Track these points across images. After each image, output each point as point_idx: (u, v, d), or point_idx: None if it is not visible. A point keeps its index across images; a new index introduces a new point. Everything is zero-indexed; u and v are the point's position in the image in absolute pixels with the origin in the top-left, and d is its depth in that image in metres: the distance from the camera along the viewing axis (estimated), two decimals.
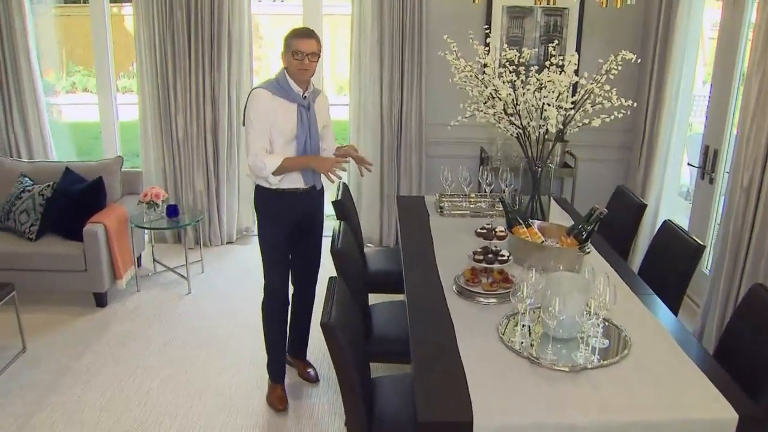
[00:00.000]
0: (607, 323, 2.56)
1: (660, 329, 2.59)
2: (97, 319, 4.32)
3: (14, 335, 3.91)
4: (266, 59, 9.54)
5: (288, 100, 3.18)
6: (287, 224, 3.36)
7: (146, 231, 4.98)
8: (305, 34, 3.15)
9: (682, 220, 5.05)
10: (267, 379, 3.59)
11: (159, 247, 5.47)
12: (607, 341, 2.47)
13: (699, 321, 4.03)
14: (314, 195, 3.44)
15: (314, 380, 3.69)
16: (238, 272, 5.10)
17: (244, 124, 3.23)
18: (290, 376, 3.72)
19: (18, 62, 5.25)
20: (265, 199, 3.33)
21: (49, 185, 4.54)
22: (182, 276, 4.83)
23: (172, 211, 4.66)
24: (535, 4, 2.94)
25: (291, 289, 3.59)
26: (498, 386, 2.17)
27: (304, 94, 3.22)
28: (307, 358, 3.83)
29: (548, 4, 2.41)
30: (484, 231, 2.95)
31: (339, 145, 3.61)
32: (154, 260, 5.07)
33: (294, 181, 3.28)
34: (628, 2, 2.72)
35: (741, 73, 4.06)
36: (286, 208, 3.33)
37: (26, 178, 4.67)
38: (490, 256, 2.83)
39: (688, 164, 4.50)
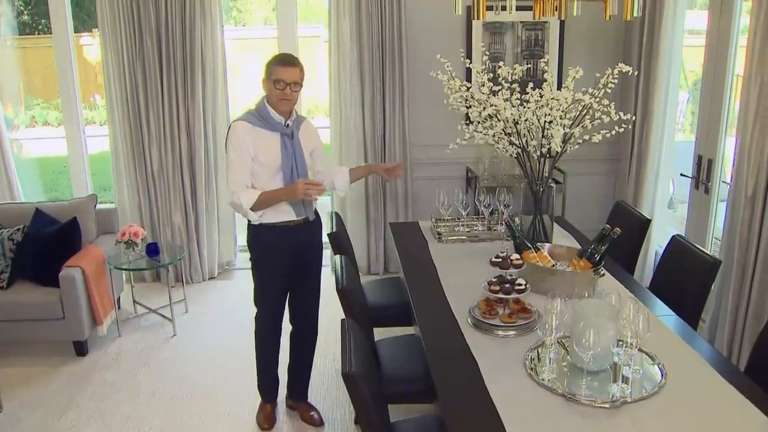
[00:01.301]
0: (638, 350, 2.42)
1: (691, 352, 2.47)
2: (79, 369, 4.05)
3: None
4: (231, 83, 9.33)
5: (269, 129, 3.07)
6: (282, 259, 3.23)
7: (124, 271, 4.73)
8: (288, 62, 3.04)
9: (674, 232, 4.98)
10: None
11: (138, 286, 5.20)
12: (641, 370, 2.34)
13: (705, 337, 3.94)
14: (308, 227, 3.28)
15: (319, 424, 3.47)
16: (223, 310, 4.87)
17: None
18: (293, 420, 3.52)
19: None
20: (258, 234, 3.20)
21: (18, 229, 4.28)
22: (166, 318, 4.58)
23: (153, 250, 4.43)
24: (536, 17, 2.80)
25: (290, 327, 3.49)
26: (538, 429, 2.02)
27: (286, 122, 3.11)
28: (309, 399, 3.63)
29: (560, 17, 2.30)
30: (499, 260, 2.80)
31: (355, 167, 3.62)
32: (135, 301, 4.81)
33: (285, 214, 3.16)
34: (635, 14, 2.63)
35: (732, 80, 4.01)
36: (278, 242, 3.19)
37: None
38: (507, 285, 2.68)
39: (681, 174, 4.43)
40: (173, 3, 4.79)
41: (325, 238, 3.49)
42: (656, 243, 4.87)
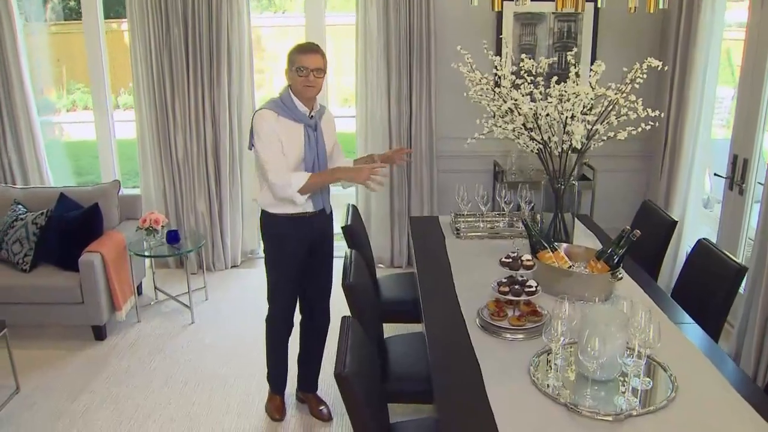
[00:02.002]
0: (648, 359, 2.31)
1: (706, 364, 2.34)
2: (96, 354, 4.09)
3: (8, 374, 3.68)
4: (269, 71, 9.32)
5: (294, 120, 3.02)
6: (295, 251, 3.19)
7: (145, 257, 4.75)
8: (310, 49, 2.99)
9: (707, 233, 4.81)
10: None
11: (161, 272, 5.23)
12: (651, 381, 2.23)
13: (734, 343, 3.78)
14: (323, 219, 3.26)
15: (327, 419, 3.44)
16: (243, 299, 4.86)
17: (250, 148, 3.08)
18: (302, 414, 3.49)
19: (11, 83, 5.05)
20: (273, 224, 3.18)
21: (42, 213, 4.32)
22: (185, 305, 4.59)
23: (173, 237, 4.43)
24: (557, 9, 2.69)
25: (301, 318, 3.48)
26: None
27: (310, 113, 3.06)
28: (319, 392, 3.60)
29: (575, 9, 2.19)
30: (510, 260, 2.71)
31: (357, 158, 3.51)
32: (156, 288, 4.83)
33: (304, 206, 3.10)
34: (660, 6, 2.49)
35: None
36: (293, 233, 3.16)
37: (19, 206, 4.46)
38: (516, 287, 2.59)
39: (715, 174, 4.25)
40: None
41: (337, 230, 3.42)
42: (687, 245, 4.69)
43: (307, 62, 2.94)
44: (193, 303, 4.57)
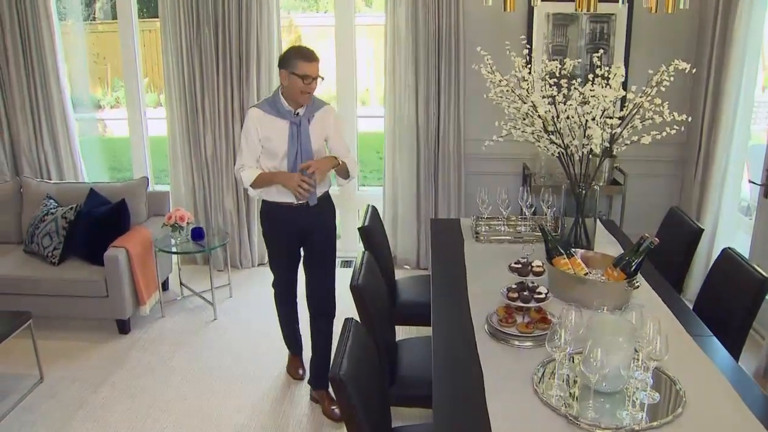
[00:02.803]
0: (658, 372, 2.24)
1: (720, 380, 2.25)
2: (118, 347, 4.16)
3: (33, 364, 3.77)
4: None
5: (279, 117, 3.26)
6: (285, 236, 3.45)
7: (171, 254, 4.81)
8: (313, 57, 3.17)
9: (743, 240, 4.64)
10: (287, 418, 3.44)
11: (187, 268, 5.30)
12: (658, 395, 2.15)
13: (764, 357, 3.65)
14: (311, 211, 3.41)
15: (339, 419, 3.43)
16: (266, 297, 4.82)
17: None
18: (314, 414, 3.51)
19: (48, 81, 5.18)
20: (266, 209, 3.47)
21: (72, 208, 4.42)
22: (208, 301, 4.64)
23: (197, 234, 4.48)
24: (576, 9, 2.63)
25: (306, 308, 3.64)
26: None
27: (296, 111, 3.27)
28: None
29: (589, 10, 2.13)
30: (519, 266, 2.66)
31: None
32: (181, 283, 4.89)
33: (286, 196, 3.33)
34: (681, 6, 2.41)
35: None
36: (282, 220, 3.42)
37: (51, 200, 4.57)
38: (525, 293, 2.54)
39: (750, 181, 4.11)
40: None
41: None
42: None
43: (311, 71, 3.12)
44: (217, 300, 4.61)
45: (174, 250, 4.48)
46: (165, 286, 4.83)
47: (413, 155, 5.16)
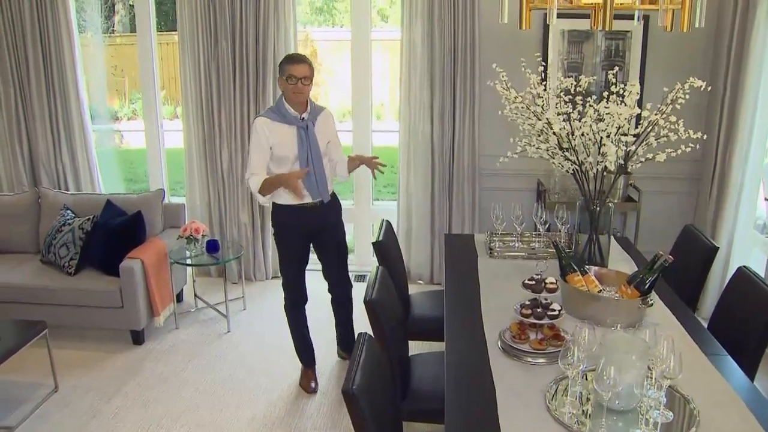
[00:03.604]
0: (671, 391, 2.22)
1: (734, 399, 2.24)
2: (132, 358, 4.19)
3: (48, 373, 3.81)
4: (324, 85, 9.43)
5: (286, 123, 3.43)
6: (300, 237, 3.62)
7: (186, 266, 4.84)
8: (297, 59, 3.40)
9: (759, 259, 4.61)
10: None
11: (202, 281, 5.33)
12: (671, 414, 2.14)
13: None
14: (324, 209, 3.63)
15: None
16: (280, 310, 4.83)
17: None
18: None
19: (67, 93, 5.25)
20: (279, 213, 3.60)
21: (89, 219, 4.46)
22: (222, 314, 4.66)
23: (212, 247, 4.51)
24: (592, 27, 2.65)
25: (328, 295, 3.98)
26: None
27: (301, 116, 3.45)
28: None
29: (605, 28, 2.14)
30: (533, 283, 2.66)
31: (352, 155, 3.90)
32: (196, 295, 4.92)
33: (304, 197, 3.48)
34: (697, 24, 2.42)
35: None
36: (296, 222, 3.58)
37: (68, 211, 4.62)
38: (539, 310, 2.54)
39: (765, 199, 4.09)
40: (248, 6, 4.88)
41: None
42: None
43: (295, 71, 3.34)
44: (231, 312, 4.63)
45: (189, 262, 4.52)
46: (179, 297, 4.86)
47: (428, 170, 5.18)
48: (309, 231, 3.64)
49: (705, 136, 3.11)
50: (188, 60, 5.09)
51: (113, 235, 4.35)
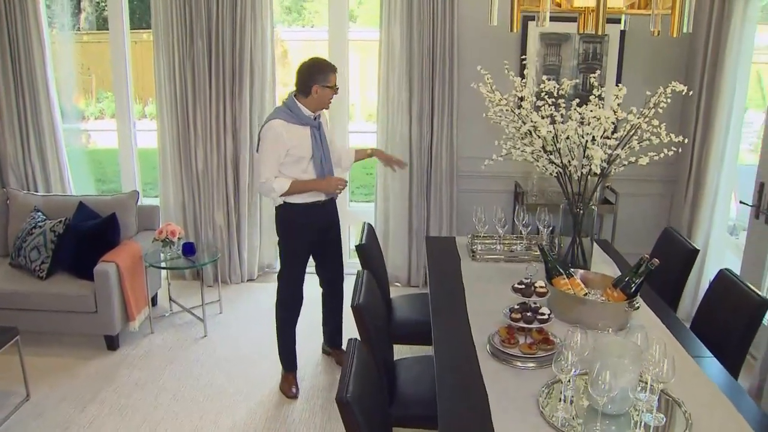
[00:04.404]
0: (662, 394, 2.23)
1: (724, 401, 2.26)
2: (107, 363, 4.08)
3: (20, 381, 3.69)
4: (293, 85, 9.35)
5: (301, 125, 3.50)
6: (311, 234, 3.71)
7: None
8: (335, 69, 3.55)
9: (732, 261, 4.68)
10: None
11: (177, 284, 5.23)
12: (663, 417, 2.15)
13: (756, 377, 3.66)
14: (332, 206, 3.81)
15: None
16: (257, 313, 4.83)
17: (258, 151, 3.54)
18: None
19: (37, 92, 5.11)
20: (292, 213, 3.64)
21: (61, 221, 4.35)
22: (198, 318, 4.58)
23: (188, 249, 4.43)
24: (580, 31, 2.65)
25: (321, 290, 4.07)
26: None
27: (315, 117, 3.55)
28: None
29: (597, 32, 2.14)
30: (523, 287, 2.65)
31: (361, 148, 4.15)
32: (171, 299, 4.82)
33: (317, 195, 3.64)
34: (684, 30, 2.44)
35: None
36: (309, 220, 3.66)
37: (39, 213, 4.49)
38: (528, 314, 2.53)
39: (741, 202, 4.14)
40: (224, 4, 4.80)
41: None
42: (711, 273, 4.58)
43: (335, 81, 3.52)
44: (207, 316, 4.55)
45: (164, 265, 4.43)
46: (154, 301, 4.76)
47: (405, 172, 5.15)
48: (318, 228, 3.73)
49: (686, 140, 3.14)
50: (162, 59, 4.99)
51: (86, 237, 4.24)
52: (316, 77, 3.47)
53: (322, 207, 3.69)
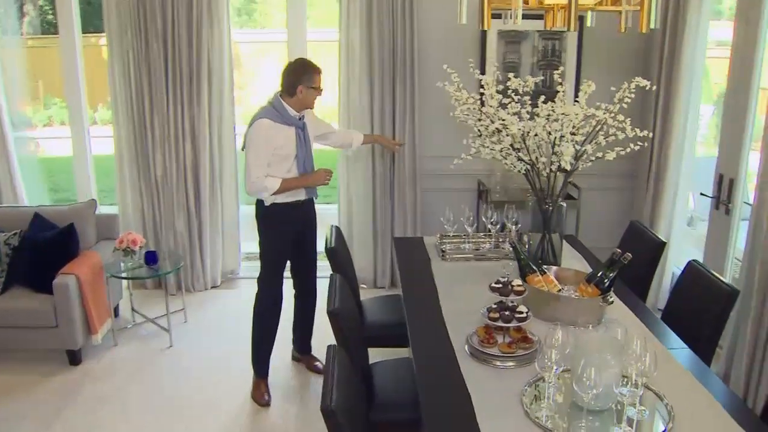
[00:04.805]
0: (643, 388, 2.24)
1: (702, 391, 2.29)
2: (70, 379, 3.94)
3: None
4: (246, 88, 9.24)
5: (287, 124, 3.53)
6: (292, 232, 3.74)
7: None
8: (321, 70, 3.60)
9: (692, 252, 4.78)
10: None
11: (139, 293, 5.09)
12: (647, 411, 2.16)
13: (723, 365, 3.74)
14: (310, 205, 3.85)
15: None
16: (222, 321, 4.74)
17: (243, 149, 3.54)
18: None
19: None
20: (273, 212, 3.64)
21: (16, 233, 4.19)
22: (163, 328, 4.46)
23: (151, 258, 4.31)
24: (550, 27, 2.67)
25: (294, 293, 4.03)
26: None
27: (300, 117, 3.59)
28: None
29: (569, 28, 2.15)
30: (500, 286, 2.63)
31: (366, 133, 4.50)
32: (133, 310, 4.69)
33: (298, 194, 3.67)
34: (652, 26, 2.46)
35: (757, 94, 3.81)
36: (291, 218, 3.70)
37: None
38: (506, 313, 2.52)
39: (701, 194, 4.23)
40: (180, 7, 4.70)
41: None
42: (673, 264, 4.67)
43: (320, 82, 3.58)
44: (172, 325, 4.44)
45: (126, 275, 4.30)
46: (116, 312, 4.63)
47: (369, 173, 5.12)
48: (300, 226, 3.77)
49: (651, 134, 3.18)
50: (117, 63, 4.85)
51: (44, 250, 4.09)
52: (302, 78, 3.50)
53: (301, 206, 3.72)
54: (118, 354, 4.25)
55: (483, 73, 4.25)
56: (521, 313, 2.54)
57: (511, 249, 3.62)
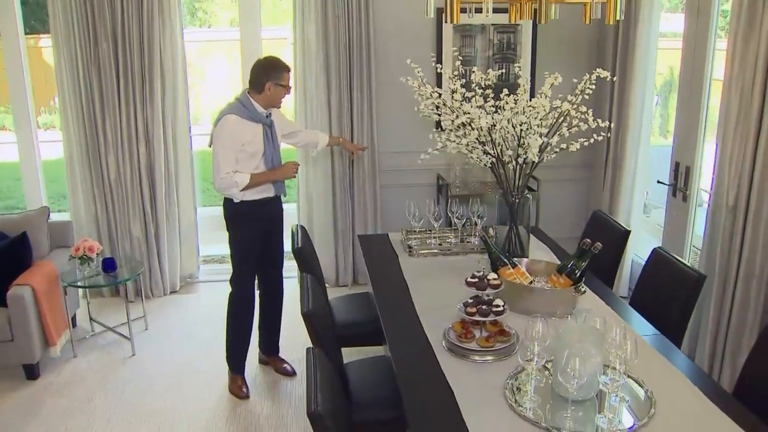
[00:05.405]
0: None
1: (679, 376, 2.34)
2: (29, 394, 3.79)
3: None
4: (195, 88, 9.07)
5: (254, 121, 3.51)
6: (261, 230, 3.71)
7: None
8: (289, 68, 3.59)
9: (649, 239, 4.89)
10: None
11: (95, 302, 4.92)
12: (628, 398, 2.19)
13: (686, 349, 3.82)
14: (278, 201, 3.81)
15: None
16: (185, 326, 4.63)
17: (210, 146, 3.52)
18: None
19: None
20: (242, 210, 3.61)
21: None
22: (124, 336, 4.33)
23: (109, 265, 4.18)
24: (514, 21, 2.68)
25: (259, 291, 3.95)
26: None
27: (267, 113, 3.58)
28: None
29: (541, 21, 2.16)
30: (476, 280, 2.63)
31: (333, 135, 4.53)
32: (92, 319, 4.54)
33: (267, 191, 3.65)
34: (617, 17, 2.49)
35: (709, 84, 3.91)
36: (260, 216, 3.66)
37: None
38: (483, 307, 2.52)
39: (658, 182, 4.32)
40: (130, 5, 4.56)
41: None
42: (633, 251, 4.76)
43: (289, 80, 3.58)
44: (133, 333, 4.31)
45: (84, 283, 4.16)
46: (73, 322, 4.47)
47: (328, 171, 5.08)
48: (267, 224, 3.74)
49: (612, 124, 3.23)
50: (65, 64, 4.68)
51: None
52: (271, 74, 3.49)
53: (270, 203, 3.69)
54: (79, 366, 4.11)
55: (440, 64, 4.27)
56: (498, 306, 2.54)
57: (477, 242, 3.66)
